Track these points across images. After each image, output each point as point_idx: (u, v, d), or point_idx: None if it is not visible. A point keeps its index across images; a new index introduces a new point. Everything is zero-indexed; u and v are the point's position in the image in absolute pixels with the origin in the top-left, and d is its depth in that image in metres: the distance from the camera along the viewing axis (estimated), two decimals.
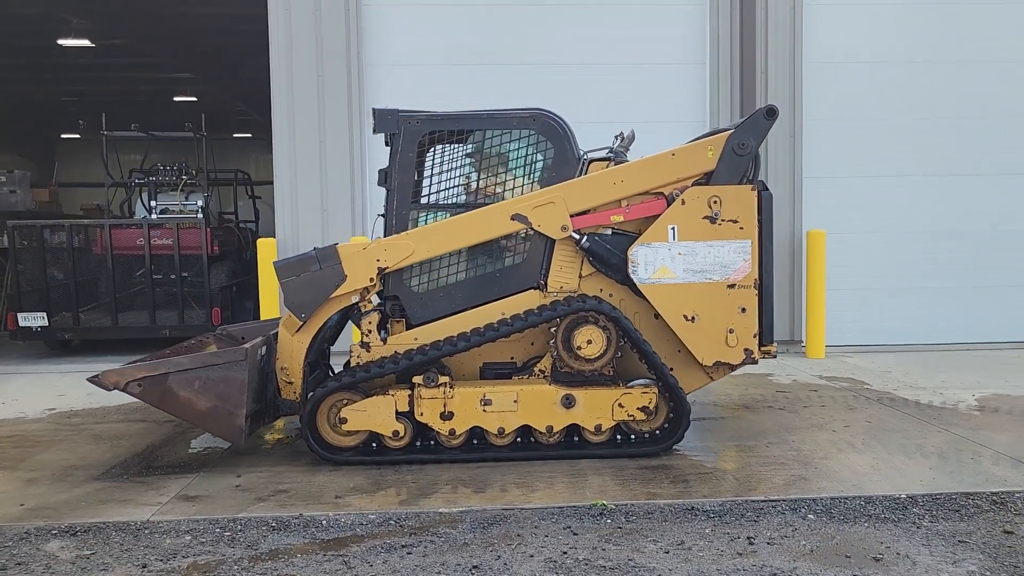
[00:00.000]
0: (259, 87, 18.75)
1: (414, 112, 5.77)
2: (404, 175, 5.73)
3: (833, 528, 4.20)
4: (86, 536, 4.21)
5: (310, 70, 9.51)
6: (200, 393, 5.07)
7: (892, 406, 6.85)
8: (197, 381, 5.07)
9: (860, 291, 10.14)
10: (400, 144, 5.71)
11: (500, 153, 5.85)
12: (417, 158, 5.76)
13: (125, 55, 16.53)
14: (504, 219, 5.53)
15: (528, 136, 5.74)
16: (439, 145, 5.81)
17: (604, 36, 9.93)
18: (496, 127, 5.74)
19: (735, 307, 5.50)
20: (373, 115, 5.78)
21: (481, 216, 5.56)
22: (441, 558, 3.88)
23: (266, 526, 4.32)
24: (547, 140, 5.73)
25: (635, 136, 6.04)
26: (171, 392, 5.06)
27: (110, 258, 10.12)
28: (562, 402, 5.39)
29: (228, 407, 5.08)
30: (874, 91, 10.01)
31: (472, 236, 5.57)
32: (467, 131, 5.79)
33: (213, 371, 5.08)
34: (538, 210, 5.52)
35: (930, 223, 10.17)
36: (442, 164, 5.83)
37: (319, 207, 9.61)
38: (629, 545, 4.01)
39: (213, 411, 5.09)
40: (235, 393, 5.08)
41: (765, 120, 5.57)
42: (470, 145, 5.87)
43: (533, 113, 5.73)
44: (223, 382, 5.08)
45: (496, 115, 5.75)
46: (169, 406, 5.12)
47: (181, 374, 5.07)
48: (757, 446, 5.70)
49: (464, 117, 5.82)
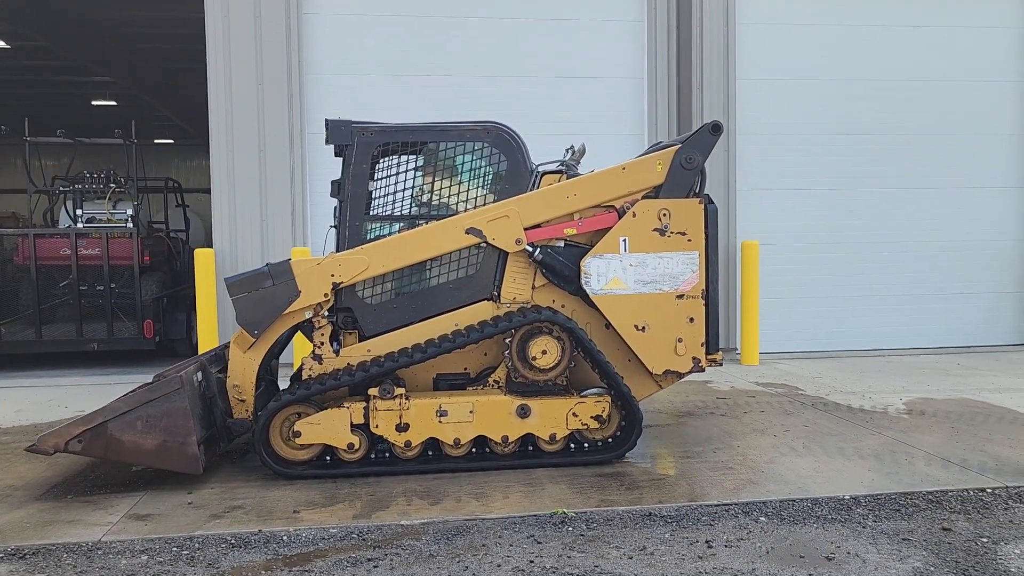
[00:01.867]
0: (183, 92, 18.44)
1: (368, 123, 5.77)
2: (357, 186, 5.72)
3: (785, 530, 4.37)
4: (35, 559, 4.06)
5: (249, 78, 9.36)
6: (145, 433, 4.95)
7: (826, 411, 7.15)
8: (139, 422, 4.94)
9: (788, 300, 10.54)
10: (353, 155, 5.70)
11: (454, 165, 5.89)
12: (370, 170, 5.75)
13: (42, 57, 15.90)
14: (459, 233, 5.57)
15: (482, 148, 5.80)
16: (392, 157, 5.82)
17: (547, 49, 10.08)
18: (450, 139, 5.78)
19: (684, 317, 5.67)
20: (326, 126, 5.74)
21: (436, 230, 5.59)
22: (409, 570, 3.89)
23: (225, 543, 4.24)
24: (500, 153, 5.80)
25: (586, 149, 6.17)
26: (114, 440, 4.92)
27: (34, 268, 9.73)
28: (517, 412, 5.45)
29: (177, 439, 4.97)
30: (800, 108, 10.45)
31: (427, 250, 5.59)
32: (421, 143, 5.82)
33: (152, 407, 4.96)
34: (492, 224, 5.58)
35: (852, 235, 10.66)
36: (395, 176, 5.83)
37: (258, 217, 9.45)
38: (593, 552, 4.09)
39: (163, 447, 4.97)
40: (181, 423, 4.98)
41: (711, 135, 5.77)
42: (423, 157, 5.89)
43: (487, 126, 5.79)
44: (165, 415, 4.96)
45: (450, 127, 5.79)
46: (117, 454, 4.97)
47: (120, 418, 4.93)
48: (704, 452, 5.87)
49: (418, 129, 5.84)
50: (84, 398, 8.00)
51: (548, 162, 5.95)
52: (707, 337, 5.75)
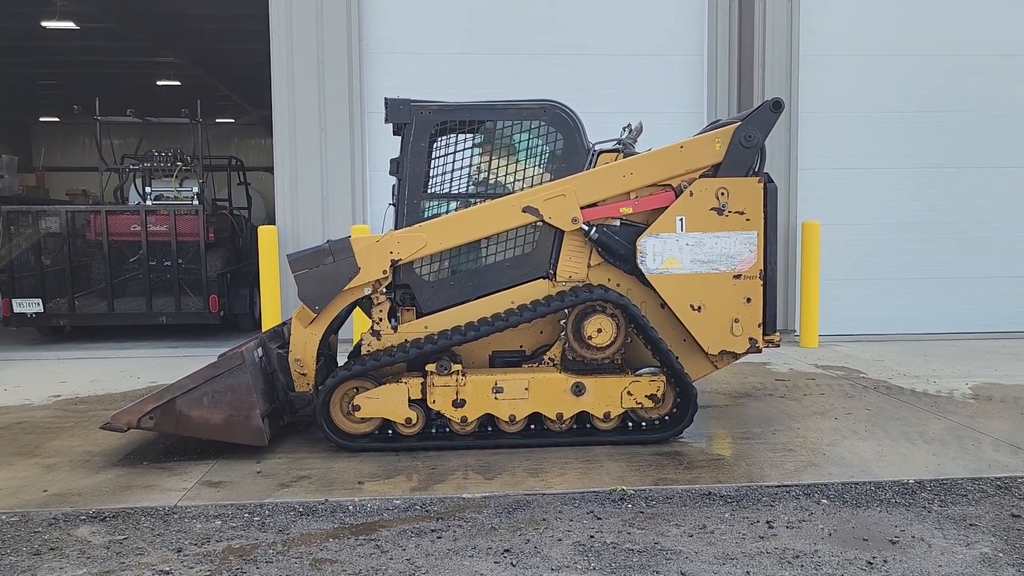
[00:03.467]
0: (244, 72, 18.73)
1: (426, 102, 5.81)
2: (415, 165, 5.77)
3: (847, 512, 4.34)
4: (115, 521, 4.25)
5: (311, 57, 9.48)
6: (211, 408, 5.16)
7: (889, 394, 7.03)
8: (205, 397, 5.16)
9: (849, 281, 10.34)
10: (412, 134, 5.75)
11: (511, 144, 5.91)
12: (428, 148, 5.80)
13: (109, 38, 16.33)
14: (516, 211, 5.59)
15: (539, 127, 5.81)
16: (450, 135, 5.86)
17: (604, 25, 9.99)
18: (507, 118, 5.80)
19: (741, 297, 5.63)
20: (385, 104, 5.80)
21: (493, 208, 5.62)
22: (472, 542, 3.97)
23: (293, 511, 4.39)
24: (557, 131, 5.79)
25: (643, 127, 6.13)
26: (183, 415, 5.14)
27: (106, 244, 10.07)
28: (572, 390, 5.49)
29: (242, 413, 5.17)
30: (865, 85, 10.18)
31: (484, 228, 5.63)
32: (478, 121, 5.85)
33: (216, 383, 5.17)
34: (549, 202, 5.59)
35: (917, 215, 10.38)
36: (453, 154, 5.88)
37: (319, 195, 9.61)
38: (653, 529, 4.12)
39: (229, 421, 5.17)
40: (244, 397, 5.17)
41: (771, 113, 5.68)
42: (481, 136, 5.92)
43: (544, 104, 5.79)
44: (230, 390, 5.16)
45: (508, 106, 5.81)
46: (186, 429, 5.19)
47: (187, 395, 5.14)
48: (764, 433, 5.83)
49: (476, 107, 5.85)
50: (155, 369, 8.30)
51: (605, 140, 5.93)
52: (764, 318, 5.70)
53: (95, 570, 3.68)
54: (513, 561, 3.75)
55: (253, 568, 3.69)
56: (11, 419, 6.40)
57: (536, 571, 3.65)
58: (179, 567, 3.70)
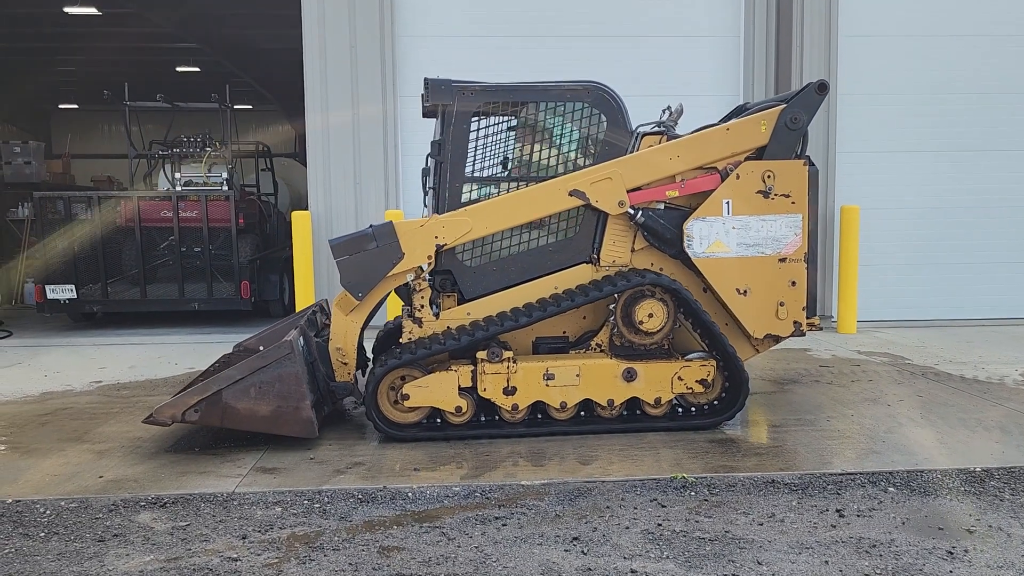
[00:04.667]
0: (264, 58, 18.63)
1: (468, 82, 5.67)
2: (457, 146, 5.63)
3: (917, 501, 4.25)
4: (175, 507, 4.21)
5: (343, 40, 9.39)
6: (259, 399, 4.97)
7: (938, 380, 6.91)
8: (252, 388, 4.96)
9: (887, 266, 10.19)
10: (454, 115, 5.60)
11: (553, 125, 5.80)
12: (469, 129, 5.67)
13: (130, 24, 16.25)
14: (562, 195, 5.49)
15: (582, 109, 5.69)
16: (492, 117, 5.75)
17: (642, 9, 9.85)
18: (550, 99, 5.67)
19: (786, 280, 5.56)
20: (425, 85, 5.64)
21: (539, 192, 5.51)
22: (538, 529, 3.91)
23: (352, 498, 4.34)
24: (601, 113, 5.67)
25: (683, 110, 6.00)
26: (230, 408, 4.95)
27: (138, 230, 10.04)
28: (623, 376, 5.41)
29: (291, 404, 5.00)
30: (906, 66, 10.00)
31: (530, 212, 5.52)
32: (521, 103, 5.73)
33: (264, 373, 4.97)
34: (595, 185, 5.49)
35: (956, 198, 10.21)
36: (495, 136, 5.77)
37: (352, 180, 9.53)
38: (721, 517, 4.04)
39: (277, 412, 5.00)
40: (294, 387, 5.00)
41: (816, 95, 5.59)
42: (523, 117, 5.81)
43: (587, 85, 5.65)
44: (278, 381, 4.98)
45: (551, 87, 5.68)
46: (232, 421, 5.00)
47: (234, 386, 4.95)
48: (817, 420, 5.74)
49: (518, 89, 5.73)
50: (190, 355, 8.29)
51: (646, 123, 5.82)
52: (807, 302, 5.63)
53: (162, 556, 3.64)
54: (583, 549, 3.69)
55: (320, 555, 3.64)
56: (56, 405, 6.39)
57: (608, 559, 3.59)
58: (246, 554, 3.66)
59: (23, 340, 9.57)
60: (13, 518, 4.10)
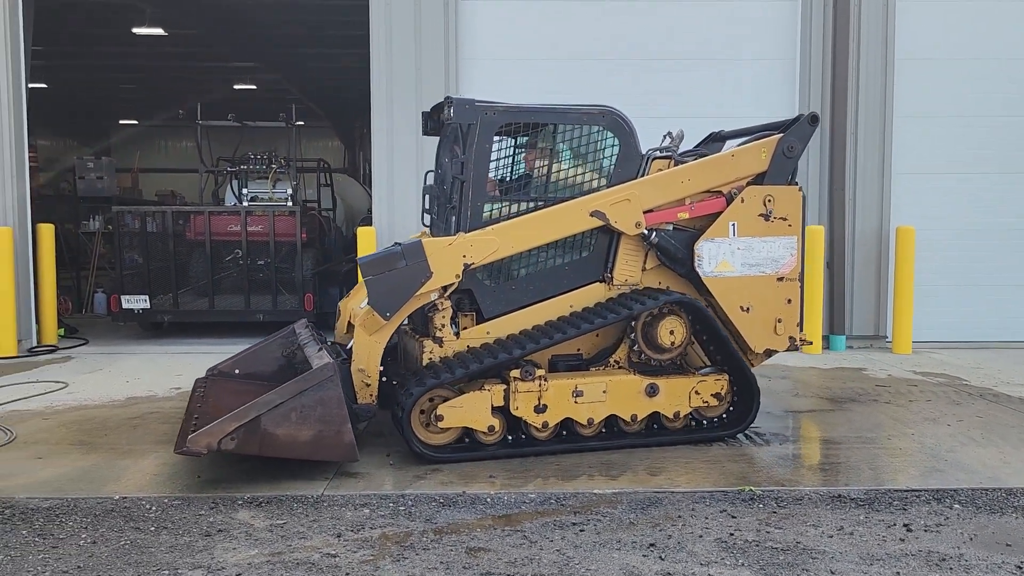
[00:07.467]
0: (318, 75, 19.14)
1: (491, 103, 5.71)
2: (479, 166, 5.63)
3: (984, 518, 4.36)
4: (270, 507, 4.49)
5: (409, 61, 9.73)
6: (300, 424, 4.74)
7: (997, 402, 6.96)
8: (293, 413, 4.74)
9: (941, 287, 10.20)
10: (477, 134, 5.60)
11: (572, 147, 5.97)
12: (492, 149, 5.76)
13: (193, 44, 16.86)
14: (583, 215, 5.62)
15: (598, 131, 5.84)
16: (513, 137, 5.97)
17: (693, 30, 10.04)
18: (570, 121, 5.83)
19: (783, 298, 5.89)
20: (449, 104, 5.65)
21: (561, 212, 5.61)
22: (615, 535, 4.10)
23: (435, 502, 4.57)
24: (614, 136, 5.82)
25: (684, 135, 6.17)
26: (268, 434, 4.69)
27: (208, 243, 10.47)
28: (646, 391, 5.58)
29: (333, 428, 4.80)
30: (964, 88, 10.04)
31: (554, 232, 5.61)
32: (540, 124, 5.87)
33: (306, 396, 4.76)
34: (615, 207, 5.66)
35: (1009, 220, 10.19)
36: (516, 156, 6.00)
37: (416, 198, 9.82)
38: (791, 529, 4.20)
39: (318, 437, 4.79)
40: (335, 411, 4.81)
41: (809, 126, 6.00)
42: (541, 138, 6.00)
43: (603, 109, 5.79)
44: (320, 404, 4.78)
45: (569, 110, 5.80)
46: (271, 449, 4.73)
47: (273, 411, 4.69)
48: (878, 438, 5.85)
49: (539, 110, 5.79)
50: None
51: (657, 147, 6.00)
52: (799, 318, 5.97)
53: (266, 551, 3.91)
54: (661, 555, 3.87)
55: (412, 554, 3.88)
56: (144, 409, 6.74)
57: (685, 565, 3.77)
58: (343, 551, 3.91)
59: (99, 348, 10.01)
60: (123, 513, 4.41)
